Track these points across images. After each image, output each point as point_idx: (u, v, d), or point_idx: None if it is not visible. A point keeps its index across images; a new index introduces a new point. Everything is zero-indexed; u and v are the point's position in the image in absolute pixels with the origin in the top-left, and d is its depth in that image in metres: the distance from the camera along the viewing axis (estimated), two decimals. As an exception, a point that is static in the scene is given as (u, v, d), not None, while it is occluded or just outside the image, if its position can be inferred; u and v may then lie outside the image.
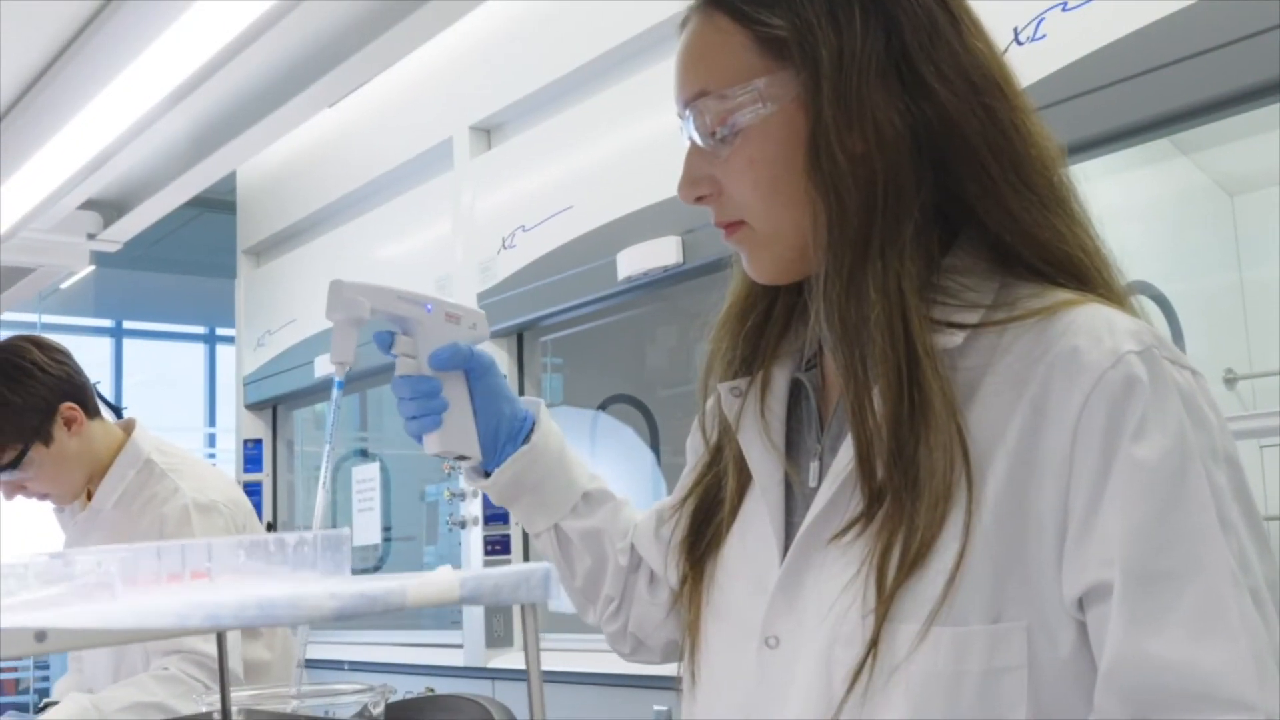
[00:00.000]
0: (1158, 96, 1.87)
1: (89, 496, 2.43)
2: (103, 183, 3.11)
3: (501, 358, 3.35)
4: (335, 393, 1.22)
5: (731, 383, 1.09)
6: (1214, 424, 0.89)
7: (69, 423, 2.36)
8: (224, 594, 0.67)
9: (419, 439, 1.22)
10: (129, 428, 2.50)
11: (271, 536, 0.80)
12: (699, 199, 1.03)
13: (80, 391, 2.42)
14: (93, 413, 2.43)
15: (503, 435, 1.23)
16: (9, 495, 2.42)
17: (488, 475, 1.24)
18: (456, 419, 1.21)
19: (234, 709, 1.12)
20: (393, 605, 0.72)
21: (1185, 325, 2.72)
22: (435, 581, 0.74)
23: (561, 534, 1.26)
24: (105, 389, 5.27)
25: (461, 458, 1.23)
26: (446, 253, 3.50)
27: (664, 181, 1.04)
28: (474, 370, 1.23)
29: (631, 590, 1.26)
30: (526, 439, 1.23)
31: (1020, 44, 2.05)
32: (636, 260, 2.81)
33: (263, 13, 2.22)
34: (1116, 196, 2.72)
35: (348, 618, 0.70)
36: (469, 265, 3.39)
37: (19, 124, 2.81)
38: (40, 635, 0.63)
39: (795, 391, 1.08)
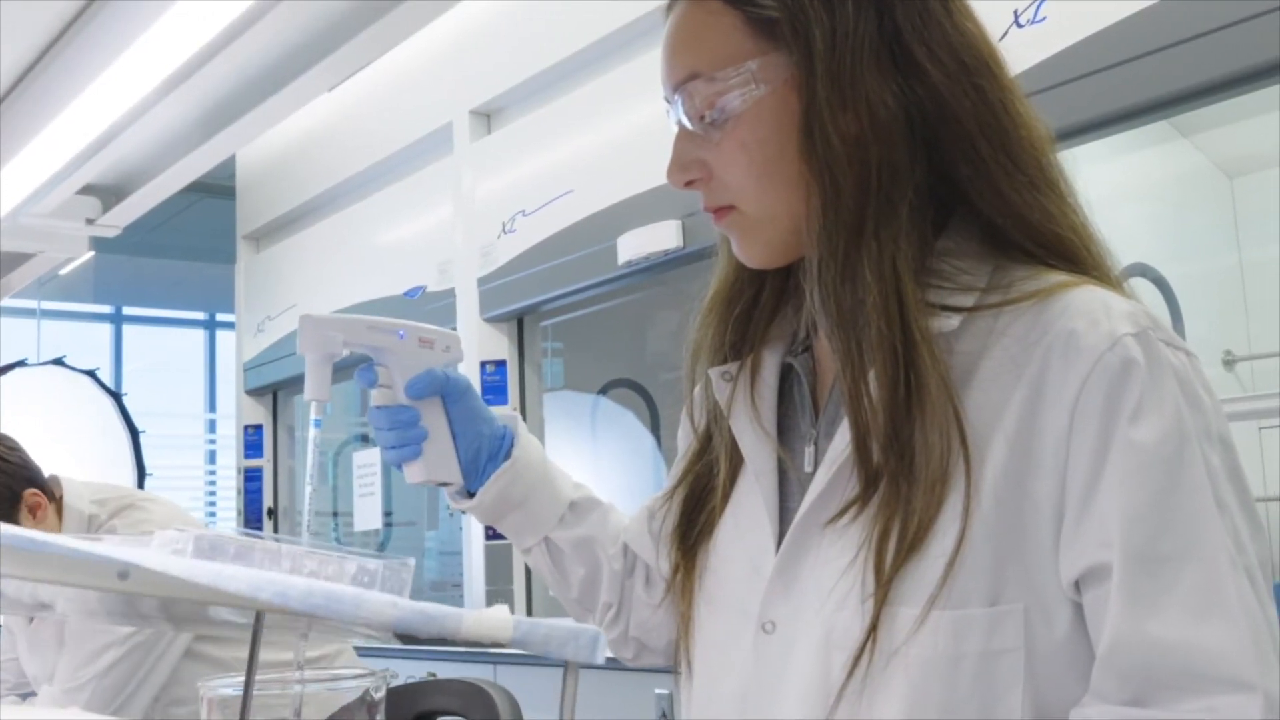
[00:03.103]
0: (1157, 79, 1.87)
1: None
2: (101, 167, 3.11)
3: (501, 342, 3.35)
4: (313, 431, 1.20)
5: (722, 367, 1.08)
6: (1208, 405, 0.89)
7: (34, 509, 2.29)
8: (296, 578, 0.68)
9: (399, 468, 1.21)
10: (58, 491, 2.38)
11: (334, 560, 0.81)
12: (689, 183, 1.02)
13: (40, 476, 2.35)
14: (50, 496, 2.35)
15: (484, 455, 1.22)
16: None
17: (471, 495, 1.22)
18: (436, 446, 1.20)
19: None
20: (447, 630, 0.74)
21: (1185, 307, 2.72)
22: (491, 618, 0.76)
23: (553, 546, 1.25)
24: (105, 376, 5.27)
25: (444, 484, 1.22)
26: (446, 237, 3.50)
27: (664, 166, 1.03)
28: (450, 395, 1.21)
29: (629, 594, 1.25)
30: (507, 455, 1.22)
31: (1021, 26, 2.04)
32: (637, 244, 2.81)
33: (261, -4, 2.21)
34: (1117, 178, 2.72)
35: (402, 631, 0.72)
36: (469, 250, 3.39)
37: (17, 108, 2.81)
38: (123, 573, 0.64)
39: (785, 376, 1.08)
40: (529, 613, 3.23)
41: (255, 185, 4.57)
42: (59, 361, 5.00)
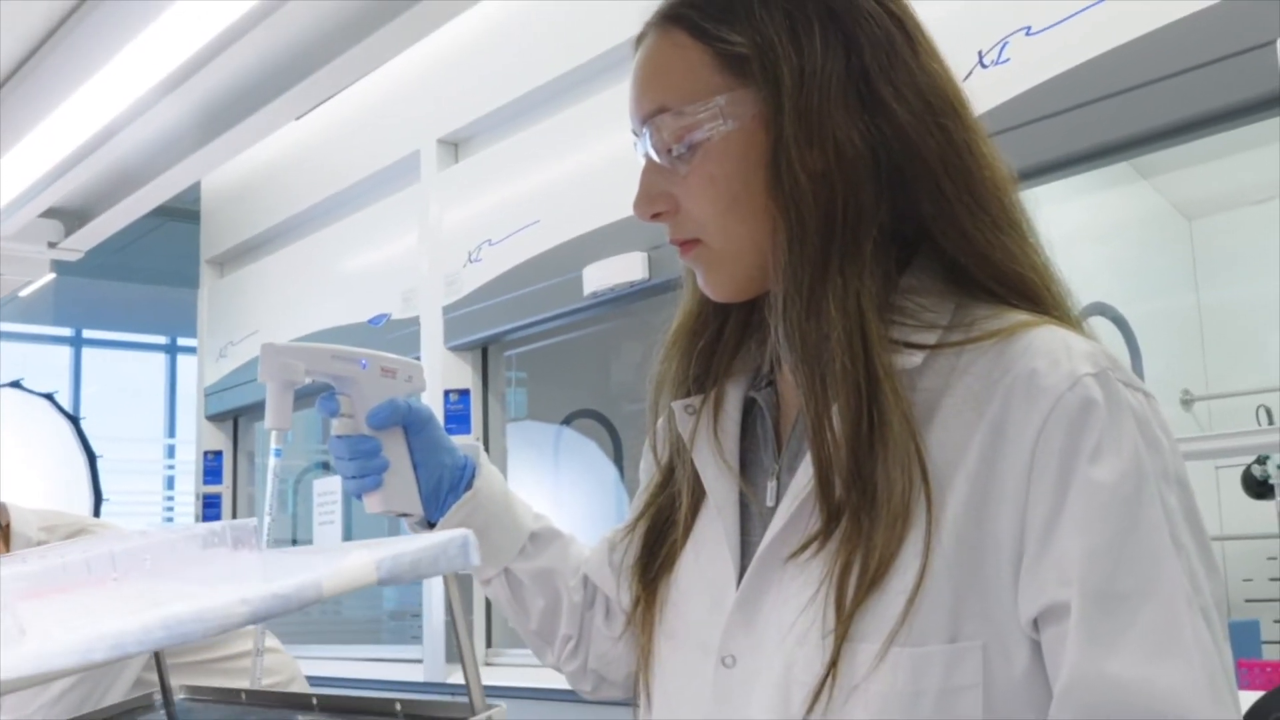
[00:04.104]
0: (1119, 121, 1.89)
1: None
2: (65, 191, 3.09)
3: (466, 372, 3.34)
4: (272, 460, 1.19)
5: (685, 400, 1.08)
6: (1166, 446, 0.90)
7: None
8: (127, 620, 0.65)
9: (359, 498, 1.20)
10: (4, 518, 2.27)
11: (180, 534, 0.78)
12: (655, 216, 1.03)
13: None
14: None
15: (445, 486, 1.21)
16: None
17: (432, 526, 1.22)
18: (398, 476, 1.19)
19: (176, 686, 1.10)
20: (308, 601, 0.70)
21: (1144, 346, 2.75)
22: (351, 568, 0.72)
23: (512, 577, 1.24)
24: (63, 399, 5.21)
25: (404, 514, 1.21)
26: (412, 265, 3.50)
27: (631, 198, 1.04)
28: (412, 425, 1.20)
29: (589, 626, 1.24)
30: (468, 485, 1.21)
31: (985, 67, 2.07)
32: (602, 275, 2.81)
33: (230, 24, 2.21)
34: (1079, 219, 2.75)
35: (262, 620, 0.69)
36: (435, 278, 3.38)
37: (-20, 131, 2.79)
38: None
39: (749, 410, 1.08)
40: (489, 644, 3.21)
41: (220, 210, 4.55)
42: (16, 384, 4.94)
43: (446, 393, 3.31)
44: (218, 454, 4.48)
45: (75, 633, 0.65)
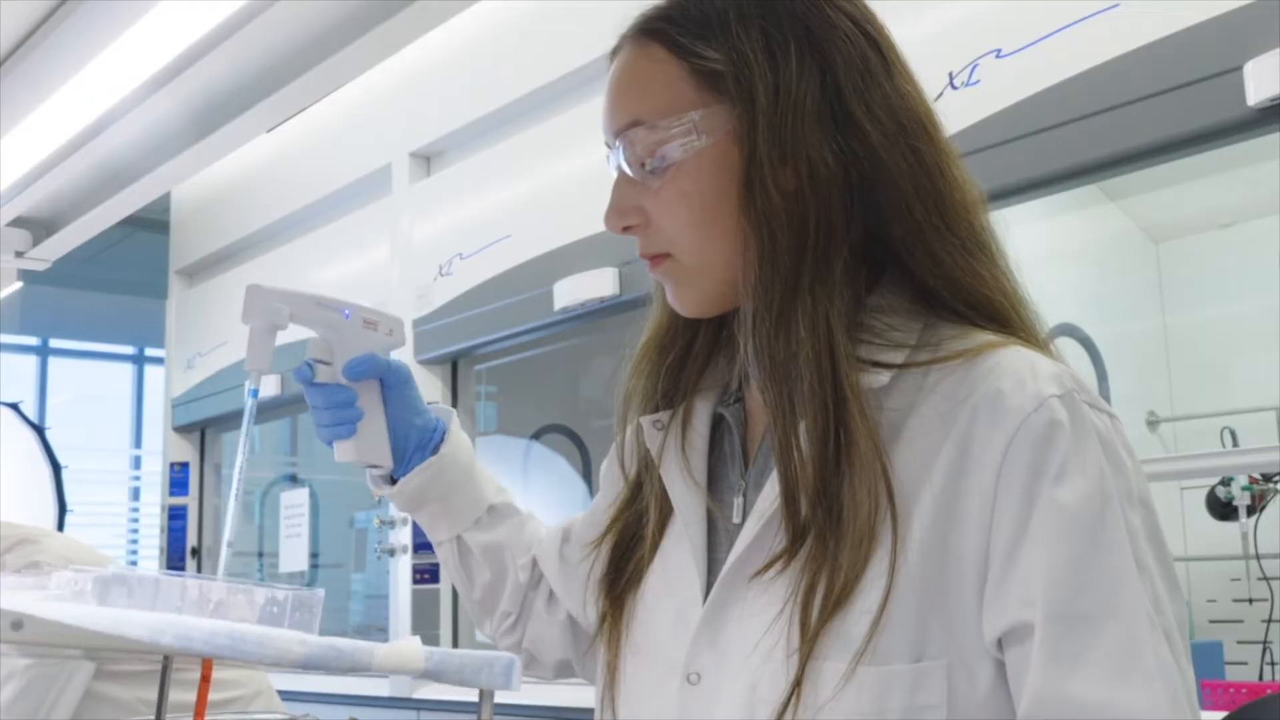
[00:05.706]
0: (1088, 144, 1.91)
1: None
2: (33, 201, 3.07)
3: (436, 385, 3.34)
4: (250, 401, 1.21)
5: (653, 416, 1.09)
6: (1130, 467, 0.91)
7: None
8: (199, 620, 0.67)
9: (330, 444, 1.22)
10: None
11: (241, 590, 0.79)
12: (626, 229, 1.03)
13: None
14: None
15: (412, 444, 1.23)
16: None
17: (394, 481, 1.24)
18: (370, 428, 1.21)
19: None
20: (359, 664, 0.73)
21: (1110, 368, 2.77)
22: (403, 650, 0.76)
23: (463, 545, 1.26)
24: (29, 409, 5.16)
25: (373, 466, 1.23)
26: (383, 278, 3.49)
27: (602, 214, 1.04)
28: (390, 381, 1.23)
29: (529, 607, 1.26)
30: (436, 449, 1.23)
31: (955, 88, 2.08)
32: (573, 291, 2.81)
33: (203, 35, 2.20)
34: (1047, 240, 2.77)
35: (314, 667, 0.71)
36: (405, 291, 3.37)
37: (-53, 139, 2.76)
38: (17, 623, 0.62)
39: (717, 426, 1.08)
40: (455, 659, 3.20)
41: (190, 220, 4.53)
42: (-20, 394, 4.90)
43: (416, 406, 3.30)
44: (184, 466, 4.45)
45: (149, 614, 0.68)
